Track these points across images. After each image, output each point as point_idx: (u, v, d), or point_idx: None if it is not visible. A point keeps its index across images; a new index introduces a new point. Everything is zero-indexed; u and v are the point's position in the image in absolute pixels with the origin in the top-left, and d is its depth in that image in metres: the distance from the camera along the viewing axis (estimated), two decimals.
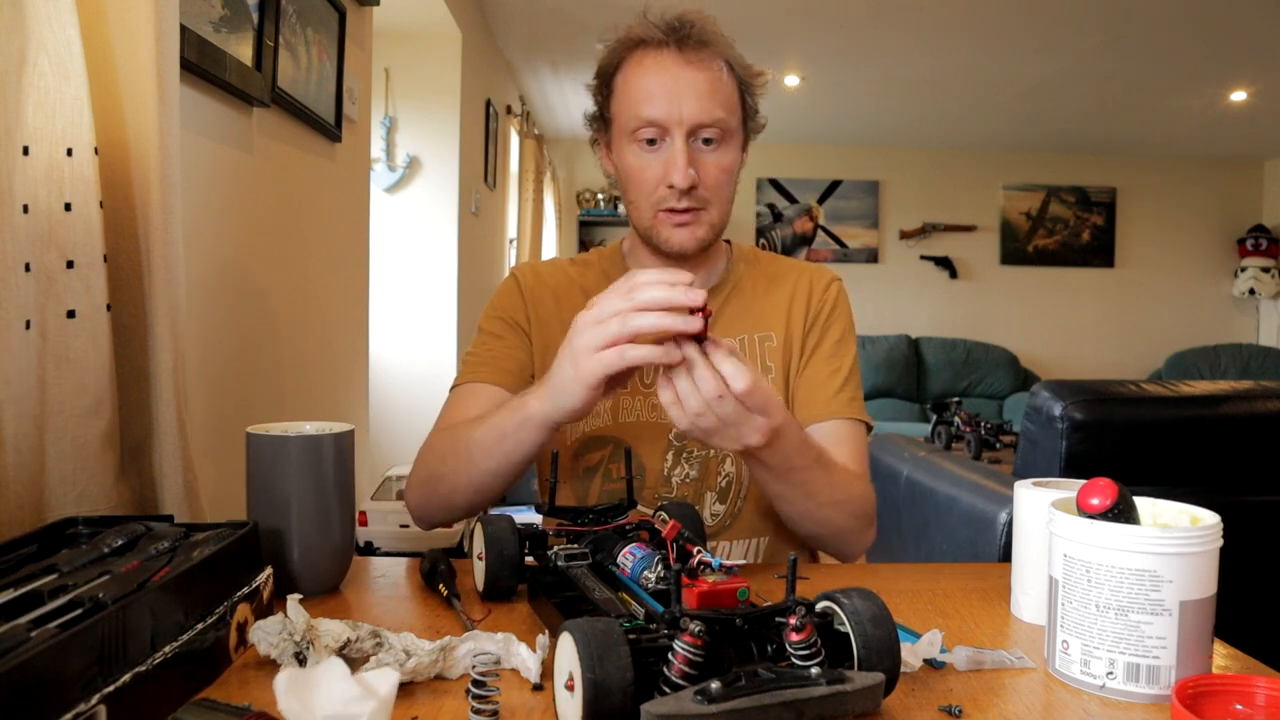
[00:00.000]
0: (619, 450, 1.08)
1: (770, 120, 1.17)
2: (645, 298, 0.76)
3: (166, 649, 0.60)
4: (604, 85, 1.10)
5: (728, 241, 1.21)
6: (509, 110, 4.69)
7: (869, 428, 1.13)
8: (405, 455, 1.10)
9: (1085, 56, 4.37)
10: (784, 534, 1.13)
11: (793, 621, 0.59)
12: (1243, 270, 6.60)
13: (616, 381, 0.82)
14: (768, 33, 4.12)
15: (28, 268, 0.80)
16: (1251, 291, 6.54)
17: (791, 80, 4.88)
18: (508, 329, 1.13)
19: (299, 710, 0.49)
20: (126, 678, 0.55)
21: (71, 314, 0.83)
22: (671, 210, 1.05)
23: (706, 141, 1.04)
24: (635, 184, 1.07)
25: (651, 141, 1.04)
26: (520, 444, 0.91)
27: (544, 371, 0.96)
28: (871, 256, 6.65)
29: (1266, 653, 0.78)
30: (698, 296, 0.75)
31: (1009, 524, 1.64)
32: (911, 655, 0.69)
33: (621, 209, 6.18)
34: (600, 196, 6.44)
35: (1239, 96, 5.02)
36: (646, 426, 1.11)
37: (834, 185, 6.62)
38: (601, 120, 1.12)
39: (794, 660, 0.58)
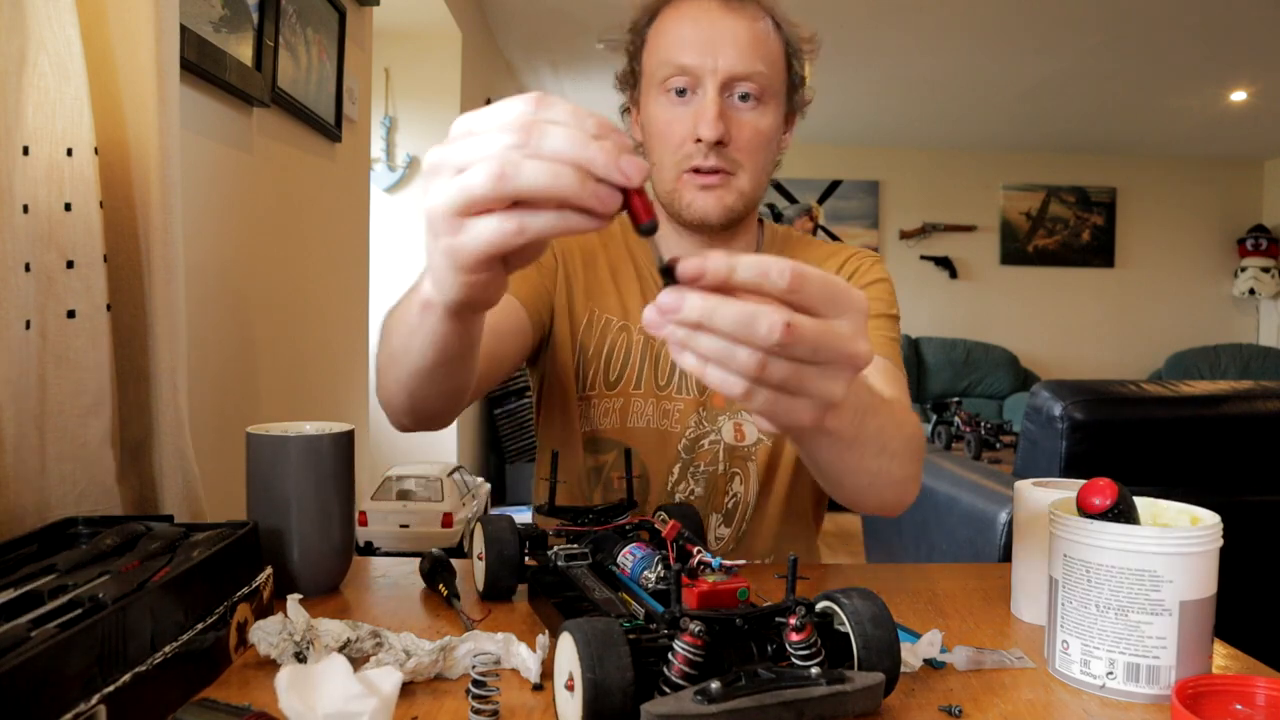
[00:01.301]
0: (624, 457, 1.07)
1: None
2: (542, 135, 0.45)
3: (166, 649, 0.60)
4: (636, 37, 1.01)
5: (761, 221, 1.12)
6: None
7: None
8: (405, 455, 1.10)
9: (1085, 56, 4.36)
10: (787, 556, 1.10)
11: (793, 621, 0.58)
12: (1243, 270, 6.59)
13: (522, 256, 0.52)
14: None
15: (28, 268, 0.80)
16: (1251, 291, 6.54)
17: None
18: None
19: (300, 708, 0.49)
20: (126, 678, 0.55)
21: (71, 314, 0.83)
22: (697, 170, 0.95)
23: (744, 98, 0.94)
24: (660, 139, 0.97)
25: (681, 92, 0.95)
26: (424, 332, 0.65)
27: (569, 303, 0.86)
28: None
29: (1266, 653, 0.78)
30: (632, 167, 0.45)
31: (1009, 524, 1.64)
32: (911, 655, 0.69)
33: None
34: None
35: (1239, 96, 5.02)
36: (655, 434, 1.05)
37: (834, 185, 6.62)
38: (632, 75, 1.03)
39: (794, 660, 0.58)
